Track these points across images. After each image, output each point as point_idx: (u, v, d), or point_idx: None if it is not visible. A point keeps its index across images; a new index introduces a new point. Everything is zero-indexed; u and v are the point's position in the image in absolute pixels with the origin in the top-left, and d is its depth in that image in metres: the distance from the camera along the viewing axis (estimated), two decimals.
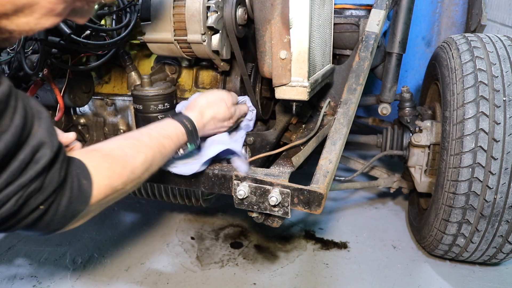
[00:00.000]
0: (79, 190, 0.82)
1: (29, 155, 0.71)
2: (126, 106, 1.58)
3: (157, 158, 1.05)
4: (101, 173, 0.87)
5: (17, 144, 0.69)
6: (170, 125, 1.15)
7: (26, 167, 0.71)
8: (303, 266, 1.81)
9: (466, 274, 1.76)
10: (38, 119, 0.74)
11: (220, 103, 1.29)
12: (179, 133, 1.15)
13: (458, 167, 1.46)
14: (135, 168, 0.96)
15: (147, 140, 1.04)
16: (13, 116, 0.68)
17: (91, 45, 1.32)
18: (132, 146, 0.99)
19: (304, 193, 1.14)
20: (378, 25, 1.72)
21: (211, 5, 1.27)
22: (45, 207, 0.76)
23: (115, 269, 1.81)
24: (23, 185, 0.71)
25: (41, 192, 0.74)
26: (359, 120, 2.45)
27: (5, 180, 0.68)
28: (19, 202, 0.71)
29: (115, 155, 0.93)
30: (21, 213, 0.73)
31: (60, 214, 0.79)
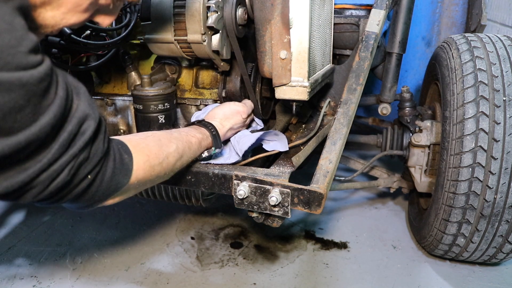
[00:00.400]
0: (121, 163, 0.87)
1: (76, 126, 0.75)
2: (126, 106, 1.58)
3: (186, 152, 1.11)
4: (140, 151, 0.93)
5: (63, 115, 0.73)
6: (195, 129, 1.23)
7: (74, 138, 0.75)
8: (303, 266, 1.81)
9: (466, 274, 1.76)
10: (77, 93, 0.78)
11: (236, 116, 1.36)
12: (204, 136, 1.22)
13: (458, 167, 1.47)
14: (169, 154, 1.02)
15: (177, 134, 1.11)
16: (56, 90, 0.71)
17: (91, 45, 1.32)
18: (164, 135, 1.05)
19: (304, 193, 1.14)
20: (378, 25, 1.72)
21: (211, 5, 1.27)
22: (92, 176, 0.80)
23: (115, 269, 1.81)
24: (74, 155, 0.75)
25: (89, 162, 0.78)
26: (359, 120, 2.45)
27: (57, 150, 0.72)
28: (71, 171, 0.75)
29: (150, 139, 0.99)
30: (73, 182, 0.77)
31: (105, 184, 0.84)
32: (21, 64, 0.64)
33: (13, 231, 2.08)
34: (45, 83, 0.68)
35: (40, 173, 0.71)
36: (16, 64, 0.63)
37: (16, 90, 0.63)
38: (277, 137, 1.44)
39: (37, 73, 0.66)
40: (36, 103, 0.67)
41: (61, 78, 0.74)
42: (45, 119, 0.68)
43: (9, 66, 0.62)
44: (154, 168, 0.96)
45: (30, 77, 0.65)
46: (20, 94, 0.63)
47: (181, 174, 1.29)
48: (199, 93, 1.52)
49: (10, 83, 0.62)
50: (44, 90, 0.68)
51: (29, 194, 0.73)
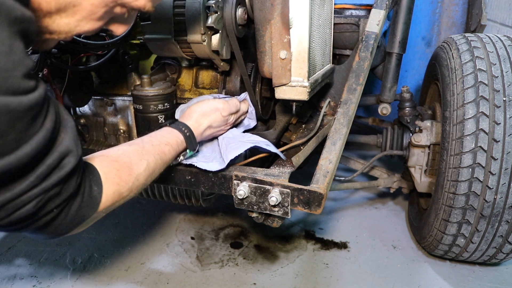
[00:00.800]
0: (89, 196, 0.85)
1: (56, 161, 0.73)
2: (126, 106, 1.58)
3: (158, 165, 1.08)
4: (110, 180, 0.90)
5: (46, 146, 0.71)
6: (169, 132, 1.18)
7: (51, 172, 0.73)
8: (303, 266, 1.81)
9: (466, 274, 1.76)
10: (64, 126, 0.76)
11: (215, 113, 1.30)
12: (178, 140, 1.18)
13: (458, 167, 1.46)
14: (139, 175, 0.99)
15: (149, 147, 1.07)
16: (44, 120, 0.70)
17: (91, 45, 1.32)
18: (136, 153, 1.02)
19: (304, 193, 1.14)
20: (378, 25, 1.72)
21: (211, 5, 1.27)
22: (58, 211, 0.78)
23: (115, 269, 1.81)
24: (46, 189, 0.73)
25: (58, 197, 0.76)
26: (359, 120, 2.45)
27: (32, 182, 0.70)
28: (38, 204, 0.73)
29: (121, 161, 0.96)
30: (37, 215, 0.75)
31: (69, 218, 0.81)
32: (12, 88, 0.62)
33: None
34: (33, 111, 0.66)
35: (8, 202, 0.69)
36: (7, 88, 0.62)
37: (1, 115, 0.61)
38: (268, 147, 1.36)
39: (27, 100, 0.65)
40: (21, 130, 0.65)
41: (52, 109, 0.72)
42: (27, 149, 0.67)
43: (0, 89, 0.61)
44: (122, 195, 0.94)
45: (18, 104, 0.63)
46: (4, 120, 0.62)
47: (181, 174, 1.29)
48: (199, 93, 1.52)
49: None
50: (32, 118, 0.67)
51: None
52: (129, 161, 0.98)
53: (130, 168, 0.97)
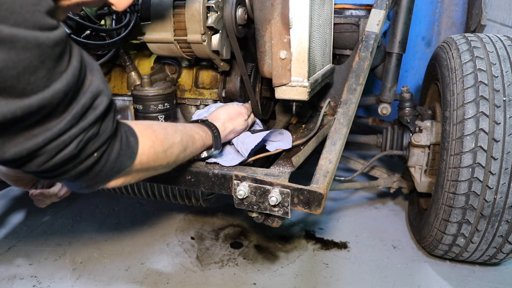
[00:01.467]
0: (127, 144, 0.86)
1: (89, 100, 0.74)
2: (126, 106, 1.58)
3: (190, 146, 1.10)
4: (146, 136, 0.92)
5: (76, 85, 0.72)
6: (199, 127, 1.21)
7: (86, 111, 0.74)
8: (303, 266, 1.81)
9: (466, 274, 1.76)
10: (90, 69, 0.77)
11: (239, 117, 1.36)
12: (207, 135, 1.21)
13: (458, 167, 1.46)
14: (174, 144, 1.01)
15: (182, 127, 1.10)
16: (70, 59, 0.71)
17: (91, 45, 1.32)
18: (170, 127, 1.05)
19: (304, 193, 1.14)
20: (378, 25, 1.72)
21: (211, 5, 1.27)
22: (98, 155, 0.79)
23: (115, 269, 1.81)
24: (84, 128, 0.74)
25: (97, 139, 0.78)
26: (359, 120, 2.45)
27: (69, 121, 0.71)
28: (79, 145, 0.74)
29: (156, 127, 0.99)
30: (79, 157, 0.76)
31: (109, 165, 0.83)
32: (38, 24, 0.63)
33: (13, 231, 2.08)
34: (59, 48, 0.68)
35: (49, 142, 0.70)
36: (34, 22, 0.63)
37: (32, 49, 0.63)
38: (281, 136, 1.43)
39: (52, 36, 0.66)
40: (50, 67, 0.66)
41: (76, 50, 0.73)
42: (58, 85, 0.68)
43: (27, 23, 0.62)
44: (158, 155, 0.96)
45: (46, 38, 0.64)
46: (35, 54, 0.63)
47: (181, 174, 1.29)
48: (199, 93, 1.52)
49: (27, 40, 0.62)
50: (58, 55, 0.68)
51: (34, 162, 0.72)
52: (164, 128, 1.00)
53: (166, 134, 0.99)
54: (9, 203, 2.34)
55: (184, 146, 1.06)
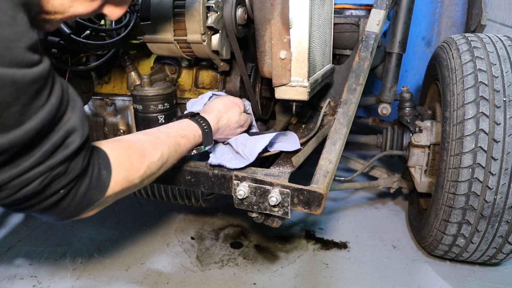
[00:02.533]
0: (98, 179, 0.84)
1: (61, 138, 0.73)
2: (126, 106, 1.58)
3: (172, 156, 1.08)
4: (121, 165, 0.90)
5: (51, 123, 0.71)
6: (188, 125, 1.18)
7: (56, 150, 0.73)
8: (303, 266, 1.81)
9: (466, 274, 1.76)
10: (72, 106, 0.77)
11: (234, 108, 1.33)
12: (195, 134, 1.18)
13: (458, 168, 1.46)
14: (152, 164, 0.99)
15: (165, 138, 1.07)
16: (50, 95, 0.70)
17: (91, 45, 1.32)
18: (150, 142, 1.02)
19: (304, 193, 1.14)
20: (378, 25, 1.72)
21: (211, 5, 1.27)
22: (65, 191, 0.78)
23: (115, 269, 1.81)
24: (51, 167, 0.73)
25: (64, 177, 0.76)
26: (359, 120, 2.45)
27: (37, 159, 0.70)
28: (44, 182, 0.73)
29: (134, 148, 0.96)
30: (43, 194, 0.75)
31: (77, 200, 0.81)
32: (16, 60, 0.62)
33: (13, 231, 2.08)
34: (37, 85, 0.66)
35: (13, 179, 0.69)
36: (11, 59, 0.62)
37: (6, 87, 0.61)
38: (286, 137, 1.41)
39: (31, 73, 0.65)
40: (25, 103, 0.65)
41: (58, 86, 0.72)
42: (32, 124, 0.67)
43: (3, 60, 0.61)
44: (132, 182, 0.93)
45: (23, 76, 0.63)
46: (9, 91, 0.62)
47: (181, 174, 1.29)
48: (199, 93, 1.52)
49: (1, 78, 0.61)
50: (35, 91, 0.66)
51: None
52: (142, 149, 0.97)
53: (143, 156, 0.97)
54: None
55: (164, 160, 1.04)
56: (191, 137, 1.16)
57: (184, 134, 1.14)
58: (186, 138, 1.14)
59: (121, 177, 0.89)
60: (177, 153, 1.10)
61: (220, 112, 1.29)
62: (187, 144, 1.14)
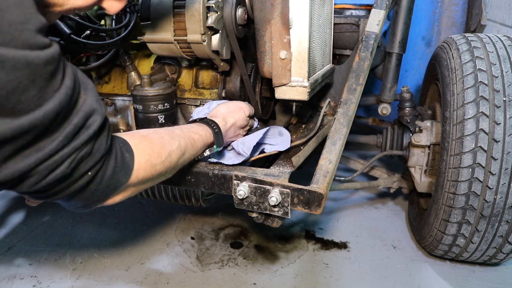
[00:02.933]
0: (122, 161, 0.85)
1: (82, 119, 0.74)
2: (126, 106, 1.58)
3: (189, 149, 1.09)
4: (141, 149, 0.91)
5: (69, 104, 0.71)
6: (198, 125, 1.21)
7: (79, 131, 0.74)
8: (303, 266, 1.81)
9: (466, 274, 1.76)
10: (84, 88, 0.77)
11: (239, 112, 1.35)
12: (207, 133, 1.20)
13: (458, 168, 1.46)
14: (172, 152, 1.00)
15: (179, 132, 1.09)
16: (63, 77, 0.70)
17: (91, 45, 1.32)
18: (167, 133, 1.04)
19: (304, 193, 1.14)
20: (378, 25, 1.72)
21: (211, 5, 1.27)
22: (93, 173, 0.79)
23: (115, 269, 1.81)
24: (76, 148, 0.73)
25: (91, 158, 0.77)
26: (359, 120, 2.45)
27: (61, 141, 0.71)
28: (72, 164, 0.73)
29: (152, 137, 0.97)
30: (72, 177, 0.75)
31: (104, 183, 0.82)
32: (28, 42, 0.62)
33: (13, 231, 2.08)
34: (51, 66, 0.67)
35: (40, 163, 0.69)
36: (23, 41, 0.62)
37: (22, 68, 0.62)
38: (280, 137, 1.42)
39: (43, 54, 0.65)
40: (42, 86, 0.66)
41: (70, 69, 0.73)
42: (50, 105, 0.67)
43: (16, 43, 0.61)
44: (155, 167, 0.95)
45: (36, 57, 0.63)
46: (25, 73, 0.62)
47: (181, 174, 1.29)
48: (199, 93, 1.52)
49: (15, 60, 0.61)
50: (50, 73, 0.67)
51: (26, 183, 0.71)
52: (160, 137, 0.99)
53: (162, 144, 0.98)
54: (9, 203, 2.34)
55: (182, 151, 1.05)
56: (203, 134, 1.18)
57: (197, 131, 1.16)
58: (198, 135, 1.16)
59: (144, 160, 0.90)
60: (193, 148, 1.11)
61: (226, 115, 1.31)
62: (201, 141, 1.16)
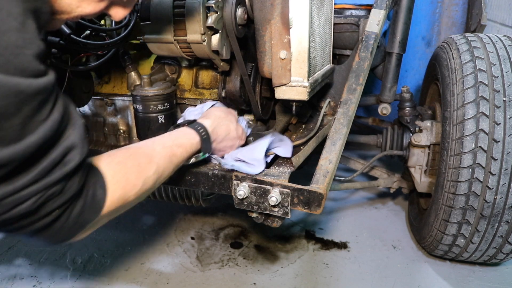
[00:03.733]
0: (93, 199, 0.81)
1: (60, 155, 0.71)
2: (126, 106, 1.58)
3: (168, 168, 1.04)
4: (116, 183, 0.86)
5: (52, 138, 0.69)
6: (185, 134, 1.15)
7: (55, 166, 0.70)
8: (303, 266, 1.81)
9: (466, 274, 1.76)
10: (73, 123, 0.74)
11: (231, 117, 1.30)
12: (193, 142, 1.15)
13: (458, 168, 1.46)
14: (147, 178, 0.95)
15: (160, 149, 1.03)
16: (52, 109, 0.68)
17: (91, 45, 1.32)
18: (145, 155, 0.98)
19: (304, 193, 1.14)
20: (378, 25, 1.71)
21: (211, 5, 1.26)
22: (59, 212, 0.75)
23: (115, 269, 1.81)
24: (48, 185, 0.70)
25: (60, 196, 0.73)
26: (359, 120, 2.45)
27: (34, 176, 0.67)
28: (38, 201, 0.70)
29: (130, 164, 0.92)
30: (37, 214, 0.71)
31: (70, 222, 0.77)
32: (22, 67, 0.61)
33: None
34: (41, 97, 0.65)
35: (7, 196, 0.66)
36: (16, 66, 0.60)
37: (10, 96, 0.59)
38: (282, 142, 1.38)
39: (36, 83, 0.63)
40: (27, 115, 0.63)
41: (61, 102, 0.70)
42: (33, 139, 0.64)
43: (9, 67, 0.59)
44: (128, 199, 0.90)
45: (28, 86, 0.61)
46: (13, 101, 0.60)
47: (181, 174, 1.29)
48: (199, 93, 1.52)
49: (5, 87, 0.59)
50: (39, 103, 0.64)
51: None
52: (137, 164, 0.94)
53: (139, 171, 0.93)
54: None
55: (160, 173, 1.00)
56: (188, 145, 1.13)
57: (181, 143, 1.10)
58: (182, 147, 1.10)
59: (117, 195, 0.86)
60: (172, 164, 1.06)
61: (218, 118, 1.25)
62: (184, 153, 1.11)
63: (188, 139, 1.14)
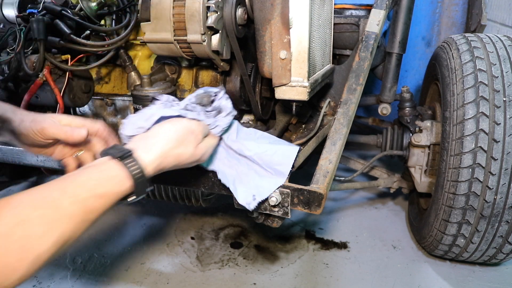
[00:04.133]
0: None
1: None
2: (126, 106, 1.58)
3: (79, 229, 0.83)
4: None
5: None
6: (111, 176, 0.85)
7: None
8: (303, 266, 1.81)
9: (466, 274, 1.76)
10: None
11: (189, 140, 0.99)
12: (121, 189, 0.86)
13: (458, 168, 1.46)
14: (42, 254, 0.72)
15: (68, 205, 0.78)
16: None
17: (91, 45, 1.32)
18: (42, 221, 0.73)
19: (304, 193, 1.13)
20: (378, 25, 1.71)
21: (211, 5, 1.26)
22: None
23: (115, 269, 1.81)
24: None
25: None
26: (359, 120, 2.45)
27: None
28: None
29: (14, 238, 0.69)
30: None
31: None
32: None
33: None
34: None
35: None
36: None
37: None
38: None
39: None
40: None
41: None
42: None
43: None
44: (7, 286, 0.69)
45: None
46: None
47: (181, 174, 1.29)
48: None
49: None
50: None
51: None
52: (26, 236, 0.70)
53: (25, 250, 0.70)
54: None
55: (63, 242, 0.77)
56: (112, 194, 0.84)
57: (102, 193, 0.82)
58: (104, 198, 0.83)
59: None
60: (88, 222, 0.84)
61: (169, 147, 0.95)
62: (106, 205, 0.84)
63: (114, 186, 0.84)
